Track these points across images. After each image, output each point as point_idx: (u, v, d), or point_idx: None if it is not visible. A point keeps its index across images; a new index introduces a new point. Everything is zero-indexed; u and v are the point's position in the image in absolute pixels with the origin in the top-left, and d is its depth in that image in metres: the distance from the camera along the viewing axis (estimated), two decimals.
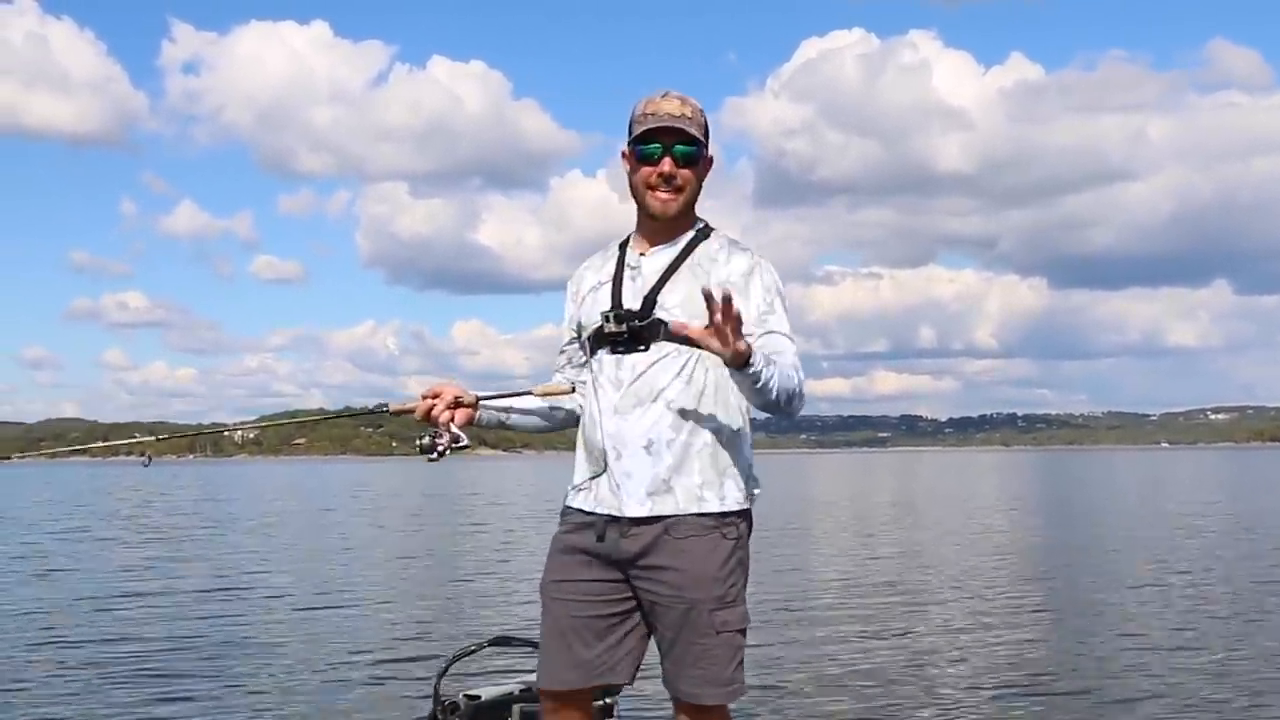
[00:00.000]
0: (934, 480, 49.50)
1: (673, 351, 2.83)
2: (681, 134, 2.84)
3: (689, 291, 2.81)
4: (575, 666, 2.87)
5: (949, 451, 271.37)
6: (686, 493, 2.82)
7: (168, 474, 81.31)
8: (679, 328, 2.70)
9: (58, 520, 25.79)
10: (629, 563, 2.85)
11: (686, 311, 2.79)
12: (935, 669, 7.23)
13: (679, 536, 2.81)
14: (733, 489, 2.87)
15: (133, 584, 12.47)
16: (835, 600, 10.48)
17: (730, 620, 2.83)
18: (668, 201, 2.88)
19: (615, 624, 2.88)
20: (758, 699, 6.28)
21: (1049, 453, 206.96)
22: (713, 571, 2.82)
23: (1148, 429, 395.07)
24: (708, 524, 2.82)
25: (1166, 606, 9.75)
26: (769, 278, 2.91)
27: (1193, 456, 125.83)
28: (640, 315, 2.86)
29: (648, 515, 2.82)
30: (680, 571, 2.81)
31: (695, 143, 2.86)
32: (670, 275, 2.88)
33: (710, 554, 2.82)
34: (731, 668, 2.84)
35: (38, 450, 4.31)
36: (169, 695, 6.63)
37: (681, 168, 2.87)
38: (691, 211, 2.96)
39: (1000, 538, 17.73)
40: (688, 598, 2.80)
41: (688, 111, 2.86)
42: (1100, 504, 27.60)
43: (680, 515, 2.82)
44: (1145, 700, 6.26)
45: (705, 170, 2.95)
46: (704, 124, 2.90)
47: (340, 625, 9.18)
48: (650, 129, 2.85)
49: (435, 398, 2.95)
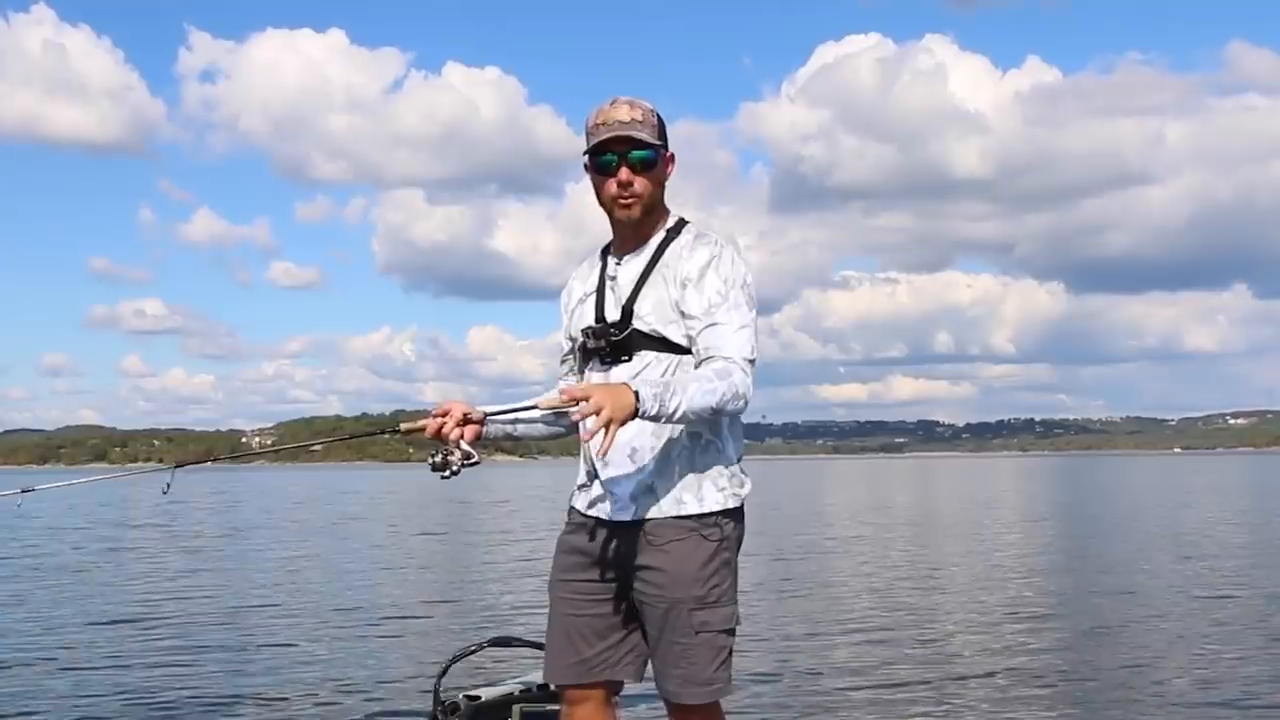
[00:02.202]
0: (948, 487, 49.31)
1: (653, 360, 2.88)
2: (634, 141, 2.86)
3: (658, 298, 2.88)
4: (576, 663, 2.94)
5: (966, 457, 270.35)
6: (667, 496, 2.87)
7: (184, 482, 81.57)
8: (584, 436, 2.78)
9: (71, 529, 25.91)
10: (618, 564, 2.91)
11: (658, 318, 2.87)
12: (948, 674, 7.18)
13: (660, 538, 2.87)
14: (711, 490, 2.89)
15: (136, 587, 12.51)
16: (847, 603, 10.44)
17: (711, 621, 2.85)
18: (630, 209, 2.91)
19: (616, 623, 2.94)
20: (757, 697, 6.25)
21: (1065, 458, 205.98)
22: (693, 572, 2.85)
23: (1166, 434, 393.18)
24: (688, 526, 2.87)
25: (1190, 615, 9.66)
26: (727, 269, 2.87)
27: (1212, 462, 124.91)
28: (619, 327, 2.90)
29: (631, 519, 2.89)
30: (662, 572, 2.86)
31: (649, 147, 2.88)
32: (643, 282, 2.91)
33: (690, 555, 2.85)
34: (712, 668, 2.86)
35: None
36: (169, 694, 6.64)
37: (639, 174, 2.89)
38: (658, 211, 2.98)
39: (1016, 545, 17.63)
40: (668, 597, 2.85)
41: (638, 115, 2.88)
42: (1120, 510, 27.44)
43: (660, 518, 2.87)
44: (1159, 702, 6.21)
45: (665, 170, 2.96)
46: (656, 124, 2.91)
47: (341, 625, 9.18)
48: (603, 140, 2.87)
49: (444, 415, 2.97)
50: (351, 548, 18.19)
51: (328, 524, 25.68)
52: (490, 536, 19.79)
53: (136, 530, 24.42)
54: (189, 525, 25.68)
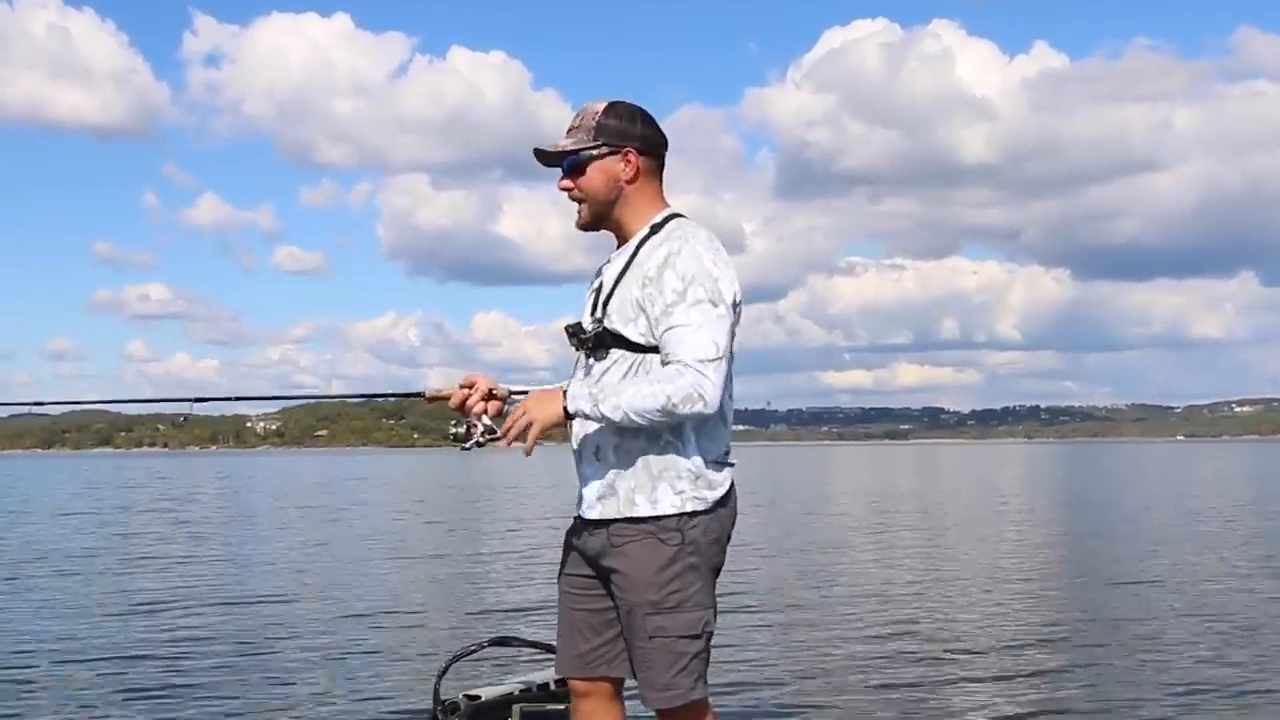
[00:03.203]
0: (953, 473, 49.32)
1: (620, 357, 2.88)
2: (562, 151, 2.93)
3: (623, 296, 2.88)
4: (577, 657, 2.99)
5: (970, 444, 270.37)
6: (625, 496, 2.86)
7: (189, 465, 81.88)
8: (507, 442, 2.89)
9: (74, 510, 25.99)
10: (594, 563, 2.95)
11: (619, 317, 2.87)
12: (953, 669, 7.18)
13: (620, 540, 2.87)
14: (667, 493, 2.83)
15: (138, 579, 12.55)
16: (847, 593, 10.45)
17: (668, 626, 2.83)
18: (580, 213, 2.99)
19: (611, 620, 2.95)
20: (760, 695, 6.24)
21: (1071, 445, 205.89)
22: (648, 576, 2.83)
23: (1172, 421, 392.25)
24: (645, 529, 2.84)
25: (1197, 604, 9.66)
26: (685, 264, 2.79)
27: (1217, 449, 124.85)
28: (596, 324, 2.92)
29: (597, 518, 2.91)
30: (622, 574, 2.87)
31: (573, 150, 2.93)
32: (619, 282, 2.92)
33: (646, 558, 2.83)
34: (670, 674, 2.84)
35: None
36: (168, 693, 6.62)
37: (574, 179, 2.95)
38: (636, 208, 2.96)
39: (1020, 533, 17.62)
40: (628, 600, 2.86)
41: (574, 122, 2.96)
42: (1127, 497, 27.42)
43: (618, 519, 2.87)
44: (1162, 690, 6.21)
45: (608, 165, 2.93)
46: (594, 126, 2.92)
47: (341, 624, 9.13)
48: (542, 159, 2.98)
49: (470, 388, 3.03)
50: (353, 540, 18.16)
51: (330, 512, 25.68)
52: (495, 527, 19.76)
53: (138, 517, 24.51)
54: (192, 512, 25.72)
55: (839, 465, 66.16)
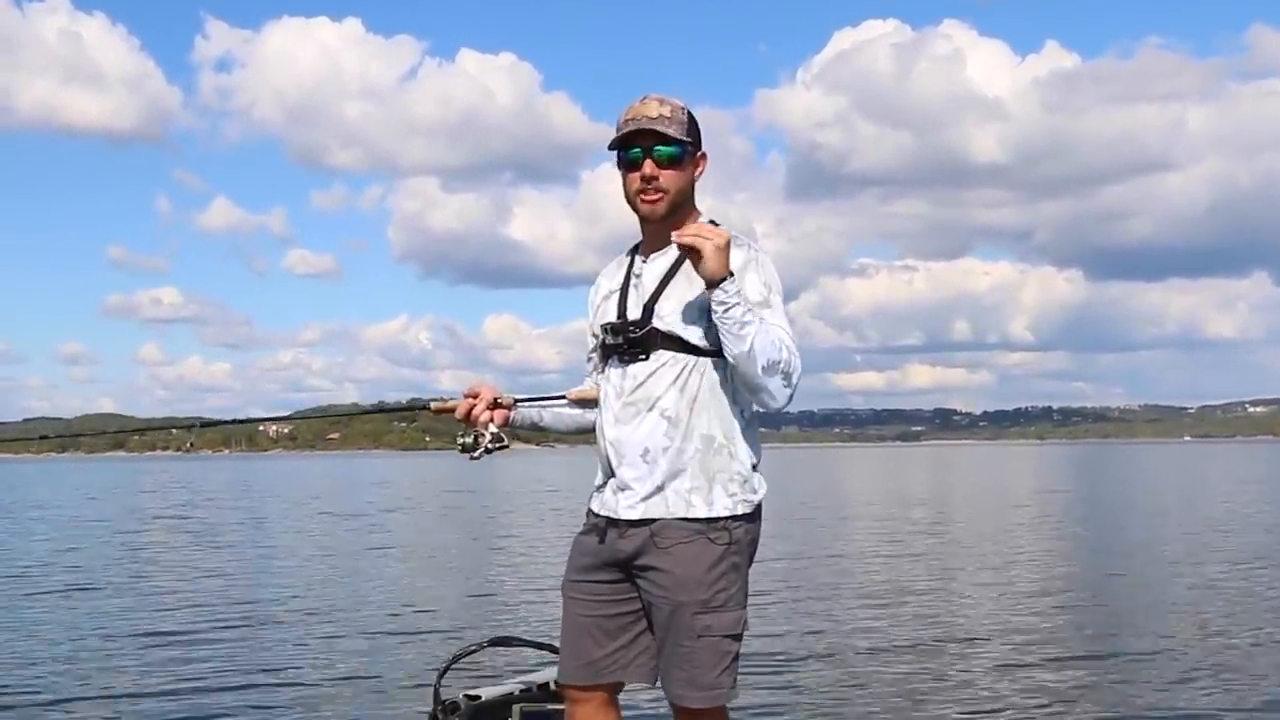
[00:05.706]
0: (965, 475, 49.25)
1: (670, 360, 2.88)
2: (660, 135, 2.85)
3: (682, 298, 2.86)
4: (587, 664, 2.96)
5: (983, 445, 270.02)
6: (677, 497, 2.86)
7: (203, 469, 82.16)
8: (678, 237, 2.74)
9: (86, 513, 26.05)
10: (627, 564, 2.92)
11: (680, 318, 2.85)
12: (964, 668, 7.10)
13: (667, 540, 2.86)
14: (721, 495, 2.87)
15: (145, 578, 12.55)
16: (858, 590, 10.37)
17: (715, 625, 2.84)
18: (654, 205, 2.90)
19: (627, 624, 2.95)
20: (773, 695, 6.15)
21: (1083, 446, 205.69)
22: (698, 575, 2.84)
23: (1185, 422, 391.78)
24: (696, 529, 2.86)
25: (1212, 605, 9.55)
26: (765, 273, 2.88)
27: (1230, 450, 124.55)
28: (639, 325, 2.89)
29: (639, 518, 2.88)
30: (667, 574, 2.85)
31: (677, 143, 2.86)
32: (667, 282, 2.90)
33: (696, 558, 2.85)
34: (716, 672, 2.85)
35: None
36: (168, 692, 6.61)
37: (664, 169, 2.87)
38: (685, 211, 2.95)
39: (1034, 534, 17.54)
40: (673, 600, 2.85)
41: (666, 112, 2.87)
42: (1139, 499, 27.31)
43: (668, 519, 2.86)
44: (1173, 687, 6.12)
45: (694, 169, 2.94)
46: (686, 122, 2.89)
47: (341, 624, 9.13)
48: (629, 133, 2.86)
49: (475, 398, 3.05)
50: (353, 540, 18.16)
51: (333, 515, 25.66)
52: (501, 534, 19.72)
53: (150, 524, 24.57)
54: (202, 516, 25.77)
55: (851, 468, 66.07)
